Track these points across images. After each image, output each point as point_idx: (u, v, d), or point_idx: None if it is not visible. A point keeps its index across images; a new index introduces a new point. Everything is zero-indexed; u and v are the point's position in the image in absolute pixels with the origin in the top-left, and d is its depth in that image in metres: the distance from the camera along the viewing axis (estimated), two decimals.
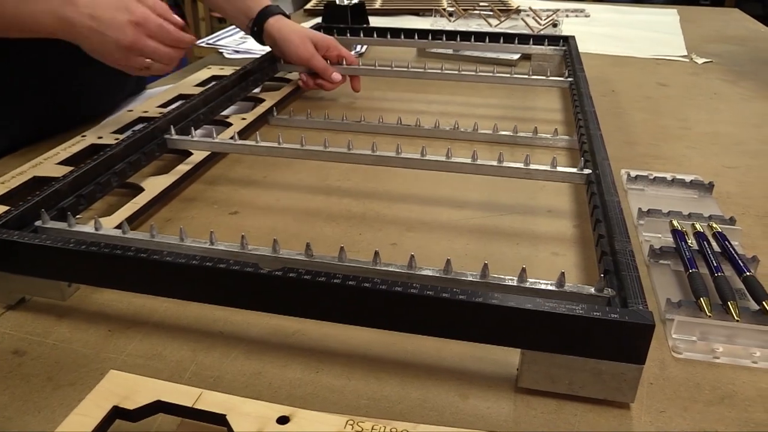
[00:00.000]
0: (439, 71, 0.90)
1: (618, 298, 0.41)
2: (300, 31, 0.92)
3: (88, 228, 0.50)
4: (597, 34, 1.42)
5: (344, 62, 0.93)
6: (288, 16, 0.95)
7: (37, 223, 0.51)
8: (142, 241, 0.48)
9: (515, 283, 0.42)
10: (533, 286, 0.42)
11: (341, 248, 0.44)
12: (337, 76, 0.91)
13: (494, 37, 1.06)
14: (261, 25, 0.92)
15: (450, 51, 1.18)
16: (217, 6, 0.99)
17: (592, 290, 0.41)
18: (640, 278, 0.41)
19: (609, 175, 0.56)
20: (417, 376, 0.42)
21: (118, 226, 0.50)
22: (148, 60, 0.69)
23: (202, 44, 1.28)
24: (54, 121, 0.83)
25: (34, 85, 0.81)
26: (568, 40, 1.06)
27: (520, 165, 0.60)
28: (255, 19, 0.93)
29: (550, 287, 0.42)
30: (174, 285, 0.44)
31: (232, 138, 0.67)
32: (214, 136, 0.67)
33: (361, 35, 1.12)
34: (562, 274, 0.42)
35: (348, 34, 1.12)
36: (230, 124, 0.79)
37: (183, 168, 0.66)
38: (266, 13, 0.93)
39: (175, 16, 0.71)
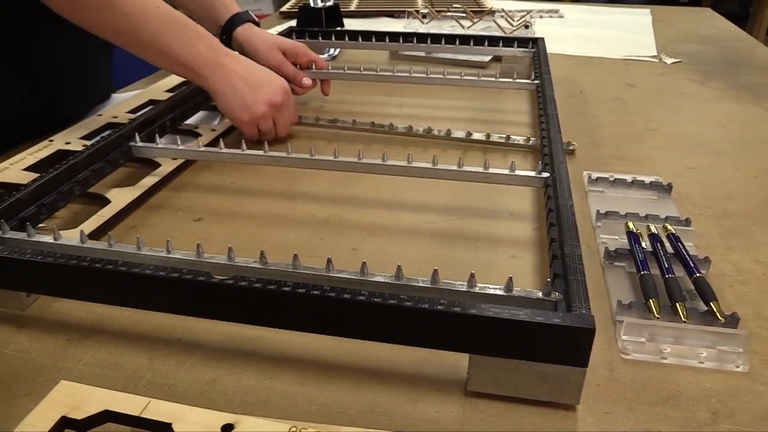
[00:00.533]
0: (408, 74, 0.91)
1: (564, 302, 0.41)
2: (268, 40, 0.93)
3: (47, 238, 0.50)
4: (569, 35, 1.43)
5: (314, 66, 0.94)
6: (258, 23, 0.95)
7: None
8: (100, 251, 0.48)
9: (465, 289, 0.43)
10: (483, 291, 0.43)
11: (295, 255, 0.45)
12: (307, 81, 0.91)
13: (465, 40, 1.07)
14: (230, 34, 0.92)
15: (422, 53, 1.19)
16: (187, 11, 0.99)
17: (540, 294, 0.42)
18: (585, 282, 0.42)
19: (565, 179, 0.57)
20: (369, 381, 0.43)
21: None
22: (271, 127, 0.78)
23: None
24: (23, 126, 0.83)
25: (2, 91, 0.81)
26: (537, 42, 1.07)
27: (480, 169, 0.61)
28: (224, 27, 0.93)
29: (498, 292, 0.42)
30: (129, 295, 0.44)
31: (197, 144, 0.67)
32: (179, 143, 0.67)
33: (333, 38, 1.12)
34: (510, 278, 0.42)
35: (320, 38, 1.12)
36: (199, 134, 0.79)
37: (150, 180, 0.67)
38: (235, 21, 0.93)
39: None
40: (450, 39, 1.07)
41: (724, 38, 1.48)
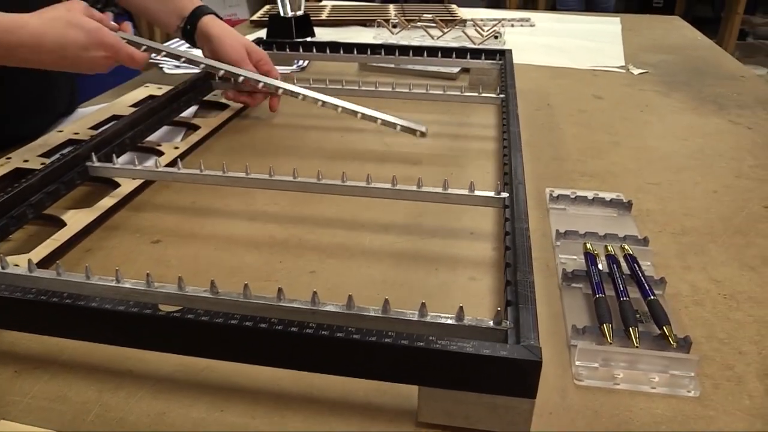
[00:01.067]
0: (373, 89, 0.90)
1: (515, 331, 0.41)
2: (235, 35, 0.93)
3: None
4: (539, 45, 1.44)
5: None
6: (222, 19, 0.95)
7: None
8: (47, 281, 0.47)
9: (416, 318, 0.43)
10: (434, 320, 0.42)
11: (245, 285, 0.44)
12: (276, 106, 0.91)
13: (432, 51, 1.07)
14: (194, 24, 0.92)
15: (392, 65, 1.19)
16: (143, 8, 0.98)
17: (491, 323, 0.42)
18: (536, 311, 0.42)
19: (522, 201, 0.57)
20: (321, 413, 0.42)
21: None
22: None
23: None
24: None
25: None
26: (504, 54, 1.07)
27: (439, 190, 0.61)
28: (188, 18, 0.93)
29: (450, 321, 0.42)
30: (76, 327, 0.43)
31: (155, 165, 0.66)
32: (136, 163, 0.66)
33: (301, 50, 1.12)
34: (461, 308, 0.42)
35: (288, 49, 1.12)
36: (161, 153, 0.78)
37: (108, 202, 0.66)
38: (200, 11, 0.93)
39: (125, 25, 0.78)
40: (418, 51, 1.07)
41: (690, 47, 1.50)
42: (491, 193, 0.60)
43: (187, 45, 0.97)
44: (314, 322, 0.40)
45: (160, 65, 1.23)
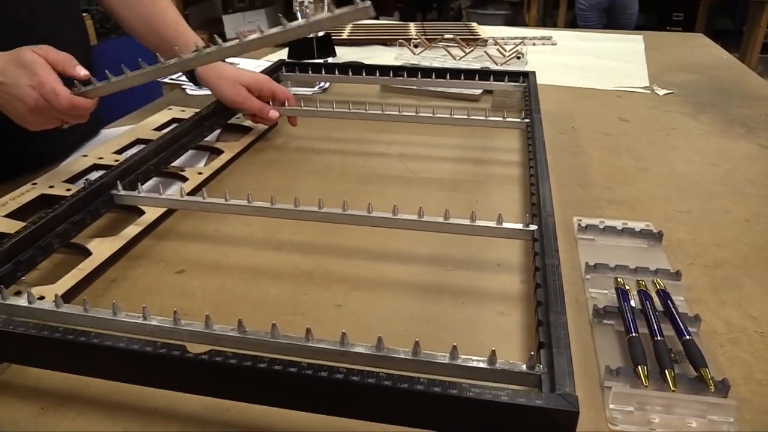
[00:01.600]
0: (397, 113, 0.90)
1: (549, 377, 0.40)
2: (230, 76, 0.93)
3: (22, 301, 0.49)
4: (561, 64, 1.43)
5: (287, 103, 0.95)
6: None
7: None
8: (75, 316, 0.47)
9: (447, 361, 0.42)
10: (465, 364, 0.41)
11: (273, 325, 0.44)
12: (274, 113, 0.92)
13: (455, 74, 1.07)
14: (192, 71, 0.94)
15: (414, 86, 1.18)
16: (156, 48, 0.99)
17: (524, 367, 0.41)
18: (570, 356, 0.41)
19: (552, 236, 0.56)
20: None
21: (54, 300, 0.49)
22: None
23: (165, 80, 1.27)
24: (4, 164, 0.82)
25: None
26: (528, 76, 1.06)
27: (466, 222, 0.60)
28: None
29: (481, 365, 0.41)
30: (103, 367, 0.43)
31: (180, 194, 0.66)
32: (161, 191, 0.66)
33: (323, 72, 1.12)
34: (493, 352, 0.41)
35: (310, 71, 1.12)
36: (186, 179, 0.78)
37: (133, 230, 0.66)
38: None
39: (78, 69, 0.70)
40: (441, 73, 1.07)
41: (715, 66, 1.48)
42: (519, 226, 0.59)
43: None
44: (343, 364, 0.39)
45: (183, 86, 1.23)
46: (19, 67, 0.67)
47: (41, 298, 0.55)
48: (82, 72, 0.70)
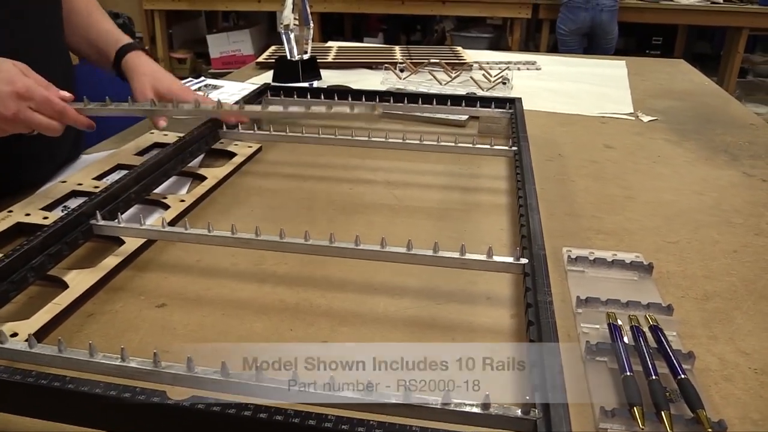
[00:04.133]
0: (383, 140, 0.89)
1: (544, 422, 0.39)
2: (144, 75, 0.92)
3: None
4: (546, 90, 1.43)
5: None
6: (148, 52, 0.97)
7: None
8: (49, 357, 0.45)
9: (440, 406, 0.40)
10: (458, 409, 0.40)
11: (257, 368, 0.42)
12: (162, 123, 0.89)
13: (442, 99, 1.06)
14: (119, 67, 0.96)
15: (400, 111, 1.18)
16: (86, 55, 1.03)
17: (519, 412, 0.40)
18: (566, 402, 0.40)
19: (544, 270, 0.54)
20: None
21: (26, 338, 0.47)
22: (32, 131, 0.72)
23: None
24: None
25: None
26: (514, 103, 1.06)
27: (456, 255, 0.58)
28: (113, 62, 0.96)
29: (475, 410, 0.40)
30: (79, 413, 0.41)
31: (161, 224, 0.64)
32: (142, 222, 0.64)
33: (309, 97, 1.11)
34: (487, 396, 0.40)
35: (296, 96, 1.11)
36: (167, 206, 0.76)
37: (112, 261, 0.64)
38: (120, 53, 0.96)
39: (62, 92, 0.75)
40: (427, 99, 1.06)
41: (698, 93, 1.49)
42: (510, 259, 0.58)
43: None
44: (332, 411, 0.38)
45: None
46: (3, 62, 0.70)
47: (14, 335, 0.53)
48: (66, 94, 0.75)
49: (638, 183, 0.92)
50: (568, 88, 1.46)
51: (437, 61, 1.44)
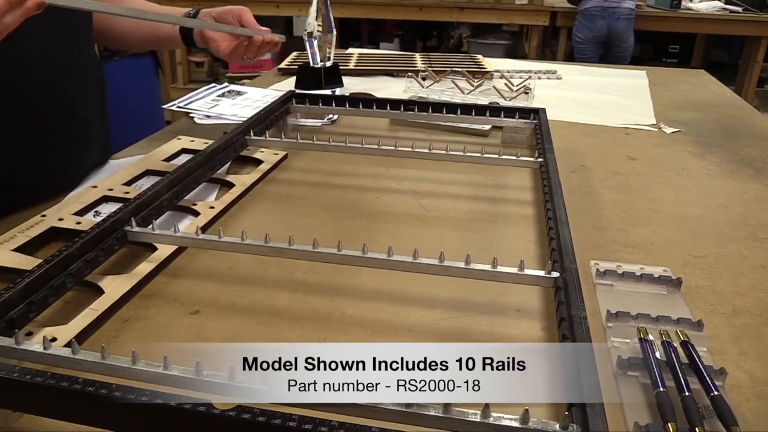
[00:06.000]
0: (410, 149, 0.90)
1: None
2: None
3: (37, 346, 0.47)
4: (568, 100, 1.44)
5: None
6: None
7: None
8: (92, 364, 0.46)
9: (478, 419, 0.41)
10: (497, 422, 0.40)
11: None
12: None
13: (466, 109, 1.07)
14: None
15: (423, 120, 1.18)
16: (140, 43, 1.09)
17: (557, 427, 0.40)
18: (605, 417, 0.40)
19: (576, 285, 0.55)
20: None
21: (68, 344, 0.48)
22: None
23: (173, 107, 1.27)
24: (9, 195, 0.81)
25: None
26: (538, 113, 1.06)
27: (488, 267, 0.59)
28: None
29: (514, 423, 0.40)
30: (124, 421, 0.42)
31: (195, 231, 0.65)
32: (177, 228, 0.65)
33: (334, 105, 1.11)
34: (526, 410, 0.40)
35: (321, 104, 1.12)
36: (197, 213, 0.77)
37: (146, 267, 0.65)
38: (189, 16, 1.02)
39: None
40: (452, 108, 1.07)
41: (720, 104, 1.49)
42: (541, 272, 0.59)
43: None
44: (374, 422, 0.39)
45: (191, 115, 1.23)
46: None
47: (53, 339, 0.54)
48: None
49: (663, 195, 0.92)
50: (590, 98, 1.46)
51: (460, 70, 1.44)
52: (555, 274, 0.58)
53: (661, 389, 0.50)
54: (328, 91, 1.39)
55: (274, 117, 1.04)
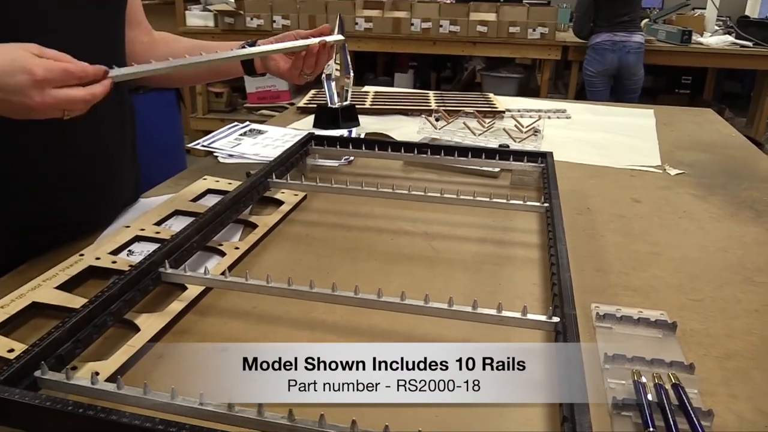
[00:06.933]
0: (422, 194, 0.95)
1: None
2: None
3: (84, 381, 0.53)
4: (576, 140, 1.49)
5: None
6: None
7: (37, 373, 0.54)
8: (136, 399, 0.51)
9: None
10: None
11: (321, 416, 0.48)
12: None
13: (476, 152, 1.12)
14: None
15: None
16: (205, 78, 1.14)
17: None
18: None
19: (573, 329, 0.60)
20: None
21: (113, 377, 0.53)
22: (65, 111, 0.69)
23: (198, 146, 1.34)
24: (48, 235, 0.87)
25: (23, 197, 0.85)
26: (546, 157, 1.11)
27: (493, 312, 0.64)
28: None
29: None
30: None
31: (223, 273, 0.71)
32: (207, 269, 0.71)
33: (351, 147, 1.17)
34: None
35: (338, 146, 1.18)
36: (223, 253, 0.83)
37: (177, 306, 0.70)
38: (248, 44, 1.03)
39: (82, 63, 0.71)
40: (462, 151, 1.13)
41: (725, 145, 1.53)
42: (543, 317, 0.64)
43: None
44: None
45: (215, 154, 1.29)
46: (14, 74, 0.65)
47: (96, 373, 0.60)
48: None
49: (664, 239, 0.97)
50: (598, 138, 1.51)
51: (471, 111, 1.50)
52: (555, 319, 0.63)
53: (651, 429, 0.54)
54: (345, 131, 1.46)
55: (294, 159, 1.10)
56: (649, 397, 0.58)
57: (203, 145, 1.35)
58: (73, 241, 0.88)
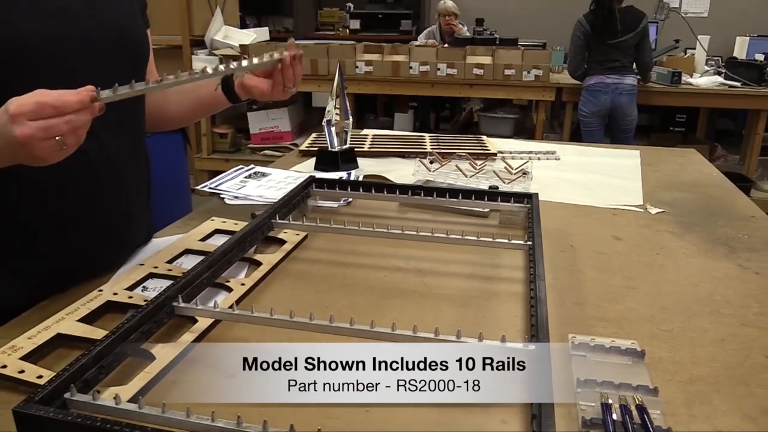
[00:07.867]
0: (415, 233, 1.02)
1: None
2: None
3: (109, 402, 0.60)
4: (563, 180, 1.57)
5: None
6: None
7: (66, 395, 0.61)
8: (155, 417, 0.58)
9: None
10: None
11: (318, 430, 0.54)
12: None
13: (467, 194, 1.20)
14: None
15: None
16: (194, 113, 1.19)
17: None
18: None
19: (547, 356, 0.66)
20: None
21: (134, 399, 0.60)
22: (57, 139, 0.72)
23: (205, 188, 1.42)
24: (69, 276, 0.94)
25: (51, 242, 0.93)
26: (531, 198, 1.19)
27: (475, 341, 0.71)
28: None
29: None
30: None
31: (230, 307, 0.78)
32: (216, 304, 0.78)
33: (349, 189, 1.25)
34: None
35: (337, 188, 1.26)
36: (230, 289, 0.90)
37: (188, 337, 0.77)
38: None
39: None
40: (453, 193, 1.20)
41: (705, 184, 1.61)
42: (519, 345, 0.70)
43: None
44: None
45: (221, 195, 1.37)
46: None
47: (116, 397, 0.66)
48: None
49: (640, 274, 1.04)
50: (585, 179, 1.60)
51: (464, 153, 1.59)
52: (532, 347, 0.70)
53: None
54: (344, 173, 1.54)
55: (296, 200, 1.18)
56: (614, 416, 0.65)
57: (210, 188, 1.43)
58: (92, 279, 0.95)
